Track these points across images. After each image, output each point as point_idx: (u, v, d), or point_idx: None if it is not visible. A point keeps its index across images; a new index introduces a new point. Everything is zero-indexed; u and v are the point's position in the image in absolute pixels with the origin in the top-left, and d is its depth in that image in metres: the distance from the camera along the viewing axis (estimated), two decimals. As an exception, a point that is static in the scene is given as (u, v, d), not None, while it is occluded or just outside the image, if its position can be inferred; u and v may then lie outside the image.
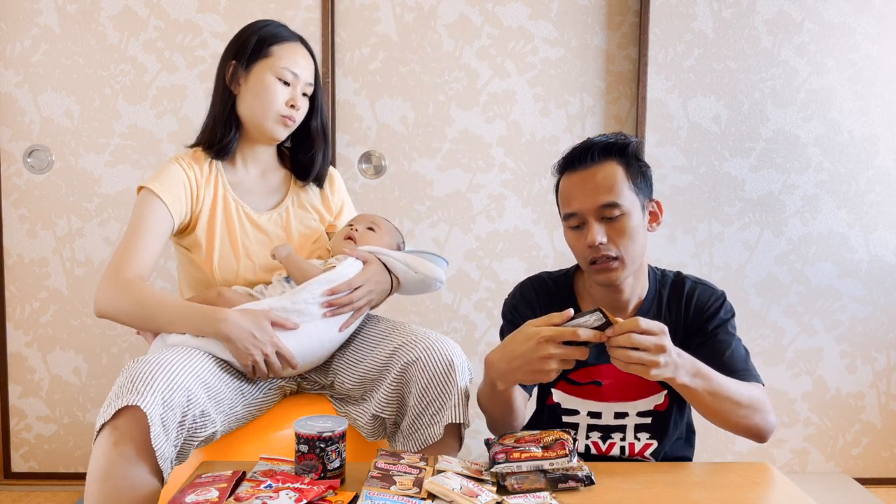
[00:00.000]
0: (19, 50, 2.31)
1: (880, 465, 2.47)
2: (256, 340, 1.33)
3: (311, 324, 1.41)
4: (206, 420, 1.26)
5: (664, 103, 2.34)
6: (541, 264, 2.39)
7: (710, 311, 1.38)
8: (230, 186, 1.54)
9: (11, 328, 2.39)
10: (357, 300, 1.45)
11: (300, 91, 1.52)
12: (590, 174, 1.32)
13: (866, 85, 2.34)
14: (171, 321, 1.36)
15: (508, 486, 1.10)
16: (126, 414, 1.16)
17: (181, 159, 1.52)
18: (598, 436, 1.41)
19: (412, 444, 1.40)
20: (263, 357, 1.34)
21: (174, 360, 1.25)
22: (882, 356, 2.43)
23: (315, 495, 1.02)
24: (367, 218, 1.61)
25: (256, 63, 1.49)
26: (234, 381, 1.38)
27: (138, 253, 1.41)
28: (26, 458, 2.43)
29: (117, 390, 1.19)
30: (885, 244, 2.39)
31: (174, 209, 1.46)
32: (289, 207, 1.59)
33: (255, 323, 1.34)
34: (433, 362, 1.37)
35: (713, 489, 1.16)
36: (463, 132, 2.36)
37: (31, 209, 2.35)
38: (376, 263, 1.51)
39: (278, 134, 1.52)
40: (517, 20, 2.34)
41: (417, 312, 2.41)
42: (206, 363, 1.31)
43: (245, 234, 1.53)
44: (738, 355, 1.35)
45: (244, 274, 1.51)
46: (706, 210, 2.38)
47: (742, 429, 1.27)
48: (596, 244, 1.29)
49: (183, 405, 1.21)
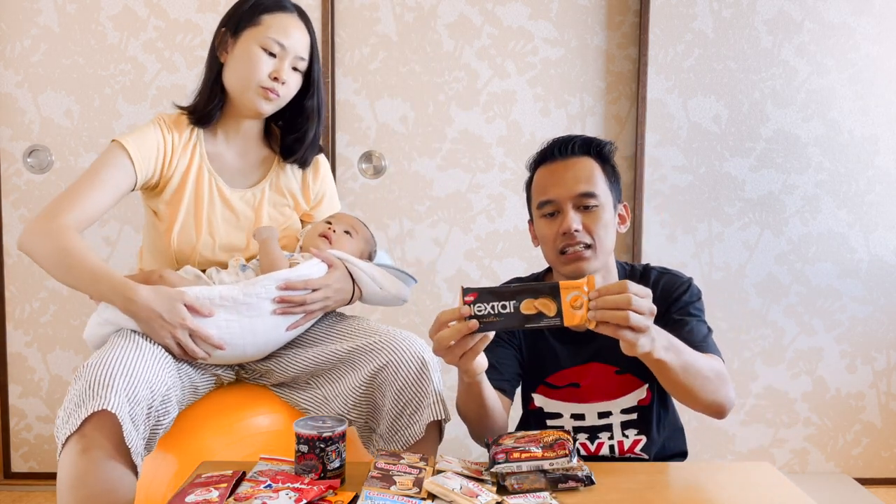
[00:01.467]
0: (19, 50, 2.31)
1: (880, 465, 2.47)
2: (164, 322, 1.28)
3: (259, 318, 1.35)
4: (168, 406, 1.25)
5: (664, 103, 2.34)
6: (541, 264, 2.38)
7: (675, 296, 1.38)
8: (208, 158, 1.49)
9: (11, 328, 2.39)
10: (311, 303, 1.39)
11: (288, 64, 1.44)
12: (569, 164, 1.35)
13: (866, 85, 2.34)
14: (84, 281, 1.32)
15: (508, 486, 1.10)
16: (92, 420, 1.15)
17: (162, 120, 1.48)
18: (584, 437, 1.41)
19: (394, 446, 1.38)
20: (174, 340, 1.29)
21: (127, 354, 1.23)
22: (882, 356, 2.43)
23: (315, 495, 1.02)
24: (347, 220, 1.55)
25: (245, 31, 1.43)
26: (178, 364, 1.34)
27: (83, 200, 1.36)
28: (26, 458, 2.43)
29: (77, 399, 1.17)
30: (885, 244, 2.39)
31: (139, 167, 1.41)
32: (265, 189, 1.53)
33: (165, 304, 1.28)
34: (405, 364, 1.35)
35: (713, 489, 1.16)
36: (463, 132, 2.36)
37: (31, 209, 2.35)
38: (341, 270, 1.45)
39: (259, 106, 1.44)
40: (517, 20, 2.34)
41: (417, 312, 2.41)
42: (154, 350, 1.28)
43: (212, 209, 1.48)
44: (697, 330, 1.33)
45: (201, 250, 1.46)
46: (706, 210, 2.38)
47: (709, 404, 1.25)
48: (571, 230, 1.30)
49: (147, 398, 1.20)
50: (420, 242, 2.38)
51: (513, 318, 1.06)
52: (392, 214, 2.37)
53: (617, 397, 1.39)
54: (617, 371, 1.38)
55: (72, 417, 1.17)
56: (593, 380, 1.38)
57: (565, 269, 1.34)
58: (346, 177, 2.36)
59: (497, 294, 1.07)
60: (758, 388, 2.43)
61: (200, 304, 1.31)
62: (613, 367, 1.37)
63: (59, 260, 1.32)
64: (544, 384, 1.41)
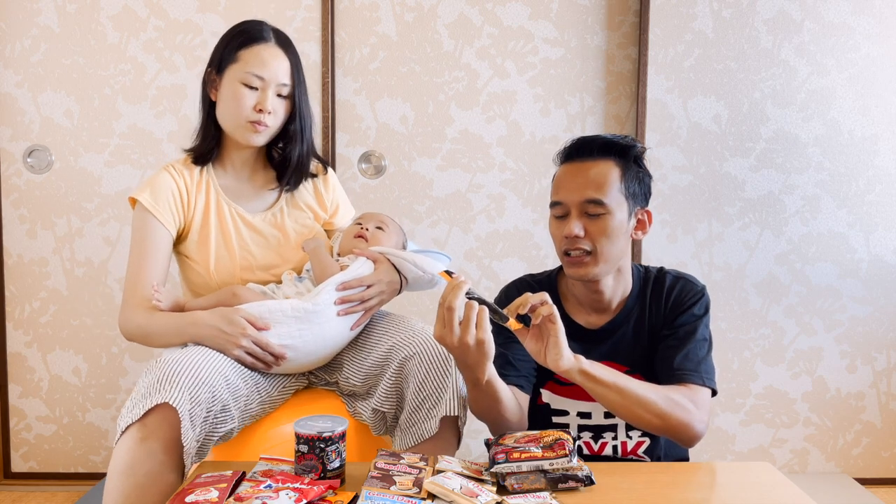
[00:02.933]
0: (19, 50, 2.31)
1: (880, 465, 2.47)
2: (227, 335, 1.34)
3: (328, 323, 1.42)
4: (226, 416, 1.30)
5: (664, 103, 2.34)
6: (541, 264, 2.39)
7: (684, 308, 1.38)
8: (222, 190, 1.55)
9: (11, 328, 2.39)
10: (369, 299, 1.46)
11: (272, 93, 1.47)
12: (584, 168, 1.33)
13: (866, 85, 2.34)
14: (160, 337, 1.41)
15: (508, 486, 1.10)
16: (155, 412, 1.21)
17: (172, 166, 1.54)
18: (589, 436, 1.41)
19: (410, 439, 1.41)
20: (242, 350, 1.35)
21: (196, 357, 1.29)
22: (882, 356, 2.43)
23: (315, 495, 1.02)
24: (375, 217, 1.61)
25: (227, 69, 1.48)
26: (251, 376, 1.40)
27: (143, 277, 1.45)
28: (26, 458, 2.43)
29: (144, 391, 1.23)
30: (885, 244, 2.39)
31: (168, 223, 1.49)
32: (283, 207, 1.59)
33: (223, 319, 1.35)
34: (430, 357, 1.38)
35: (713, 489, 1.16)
36: (463, 132, 2.36)
37: (30, 209, 2.35)
38: (386, 263, 1.52)
39: (252, 140, 1.49)
40: (517, 20, 2.34)
41: (419, 312, 2.41)
42: (223, 360, 1.34)
43: (240, 236, 1.53)
44: (693, 355, 1.34)
45: (241, 274, 1.52)
46: (706, 210, 2.38)
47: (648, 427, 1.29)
48: (572, 236, 1.31)
49: (208, 401, 1.25)
50: (420, 242, 2.38)
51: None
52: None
53: None
54: (628, 371, 1.38)
55: (136, 407, 1.22)
56: None
57: (568, 272, 1.37)
58: (346, 177, 2.36)
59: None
60: (758, 389, 2.43)
61: (256, 317, 1.37)
62: (625, 367, 1.38)
63: (140, 334, 1.44)
64: (554, 380, 1.41)
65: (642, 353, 1.40)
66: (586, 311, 1.42)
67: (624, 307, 1.40)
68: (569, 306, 1.43)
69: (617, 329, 1.40)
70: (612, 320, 1.41)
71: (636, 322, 1.41)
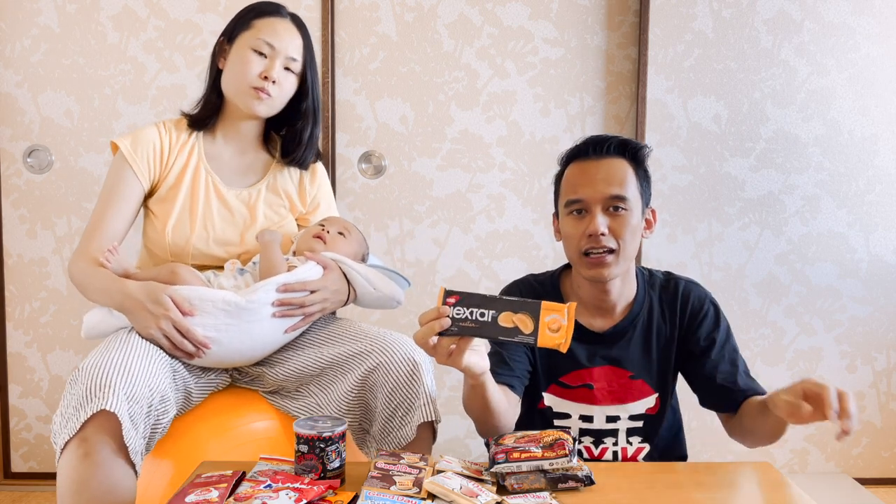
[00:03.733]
0: (19, 50, 2.31)
1: (880, 465, 2.47)
2: (149, 313, 1.31)
3: (258, 322, 1.37)
4: (166, 406, 1.26)
5: (664, 103, 2.34)
6: (541, 264, 2.39)
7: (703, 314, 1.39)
8: (206, 158, 1.54)
9: (11, 328, 2.39)
10: (310, 304, 1.41)
11: (279, 64, 1.47)
12: (603, 164, 1.32)
13: (866, 85, 2.34)
14: (94, 294, 1.41)
15: (508, 486, 1.10)
16: (92, 422, 1.16)
17: (162, 123, 1.54)
18: (590, 440, 1.40)
19: (386, 447, 1.39)
20: (160, 332, 1.31)
21: (123, 355, 1.24)
22: (882, 356, 2.43)
23: (315, 495, 1.02)
24: (339, 222, 1.57)
25: (238, 36, 1.49)
26: (174, 367, 1.35)
27: (104, 227, 1.45)
28: (26, 458, 2.43)
29: (75, 403, 1.18)
30: (885, 244, 2.39)
31: (142, 174, 1.48)
32: (261, 189, 1.56)
33: (150, 296, 1.32)
34: (396, 365, 1.35)
35: (713, 489, 1.16)
36: (463, 132, 2.36)
37: (31, 209, 2.35)
38: (337, 272, 1.47)
39: (253, 107, 1.48)
40: (517, 20, 2.34)
41: (417, 312, 2.40)
42: (149, 349, 1.30)
43: (208, 205, 1.51)
44: (744, 368, 1.40)
45: (195, 242, 1.48)
46: (706, 210, 2.38)
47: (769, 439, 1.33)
48: (598, 233, 1.28)
49: (147, 396, 1.21)
50: (420, 242, 2.38)
51: (488, 327, 1.06)
52: (392, 214, 2.37)
53: (627, 402, 1.39)
54: (631, 376, 1.38)
55: (70, 421, 1.17)
56: (606, 383, 1.38)
57: (586, 273, 1.33)
58: (346, 177, 2.36)
59: (477, 301, 1.07)
60: (758, 388, 2.43)
61: (181, 300, 1.33)
62: (628, 371, 1.37)
63: (81, 289, 1.44)
64: (557, 383, 1.40)
65: (649, 360, 1.39)
66: (590, 313, 1.40)
67: (630, 311, 1.39)
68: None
69: (624, 333, 1.39)
70: (619, 324, 1.39)
71: (644, 328, 1.39)
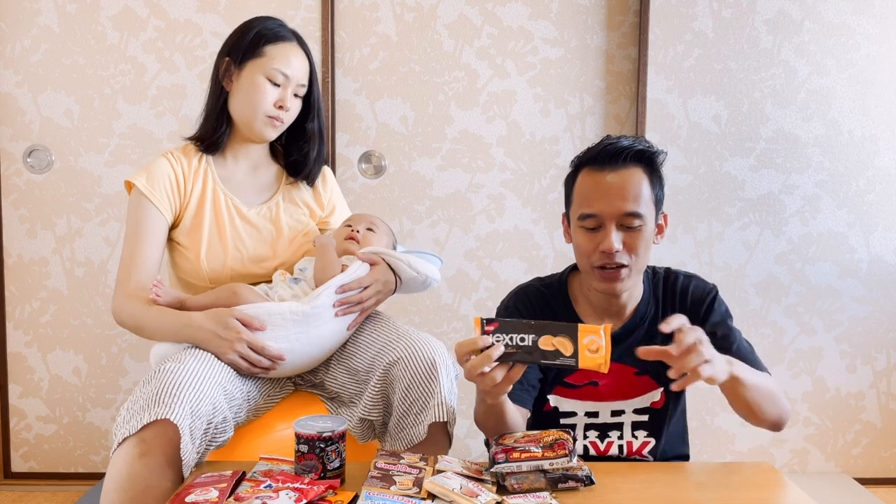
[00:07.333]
0: (19, 50, 2.31)
1: (880, 465, 2.47)
2: (222, 339, 1.33)
3: (325, 325, 1.42)
4: (226, 426, 1.29)
5: (664, 103, 2.34)
6: (541, 264, 2.39)
7: (706, 306, 1.39)
8: (220, 180, 1.55)
9: (11, 328, 2.39)
10: (366, 299, 1.46)
11: (291, 92, 1.51)
12: (618, 178, 1.29)
13: (866, 85, 2.34)
14: (154, 333, 1.42)
15: (508, 486, 1.10)
16: (154, 427, 1.18)
17: (170, 153, 1.54)
18: (595, 435, 1.41)
19: (399, 444, 1.40)
20: (237, 354, 1.34)
21: (197, 368, 1.27)
22: (882, 356, 2.43)
23: (315, 495, 1.02)
24: (364, 218, 1.61)
25: (249, 62, 1.49)
26: (244, 384, 1.39)
27: (139, 263, 1.46)
28: (26, 458, 2.43)
29: (143, 403, 1.20)
30: (885, 244, 2.39)
31: (164, 208, 1.49)
32: (279, 202, 1.59)
33: (219, 323, 1.34)
34: (415, 362, 1.36)
35: (713, 489, 1.16)
36: (463, 132, 2.36)
37: (31, 209, 2.35)
38: (382, 264, 1.52)
39: (267, 134, 1.53)
40: (517, 20, 2.34)
41: (417, 312, 2.41)
42: (222, 369, 1.33)
43: (234, 227, 1.53)
44: (743, 349, 1.36)
45: (232, 265, 1.51)
46: (706, 210, 2.38)
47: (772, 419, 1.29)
48: (613, 251, 1.27)
49: (209, 414, 1.23)
50: (420, 242, 2.38)
51: (531, 352, 1.10)
52: (392, 214, 2.37)
53: (631, 397, 1.39)
54: (636, 372, 1.38)
55: (134, 419, 1.19)
56: (612, 379, 1.38)
57: (599, 286, 1.33)
58: (346, 177, 2.36)
59: (516, 327, 1.10)
60: (758, 388, 2.43)
61: (250, 318, 1.35)
62: (633, 368, 1.38)
63: (133, 324, 1.44)
64: (563, 384, 1.40)
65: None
66: (599, 316, 1.40)
67: (637, 310, 1.39)
68: (580, 310, 1.41)
69: (630, 333, 1.39)
70: (626, 325, 1.39)
71: (650, 325, 1.39)
